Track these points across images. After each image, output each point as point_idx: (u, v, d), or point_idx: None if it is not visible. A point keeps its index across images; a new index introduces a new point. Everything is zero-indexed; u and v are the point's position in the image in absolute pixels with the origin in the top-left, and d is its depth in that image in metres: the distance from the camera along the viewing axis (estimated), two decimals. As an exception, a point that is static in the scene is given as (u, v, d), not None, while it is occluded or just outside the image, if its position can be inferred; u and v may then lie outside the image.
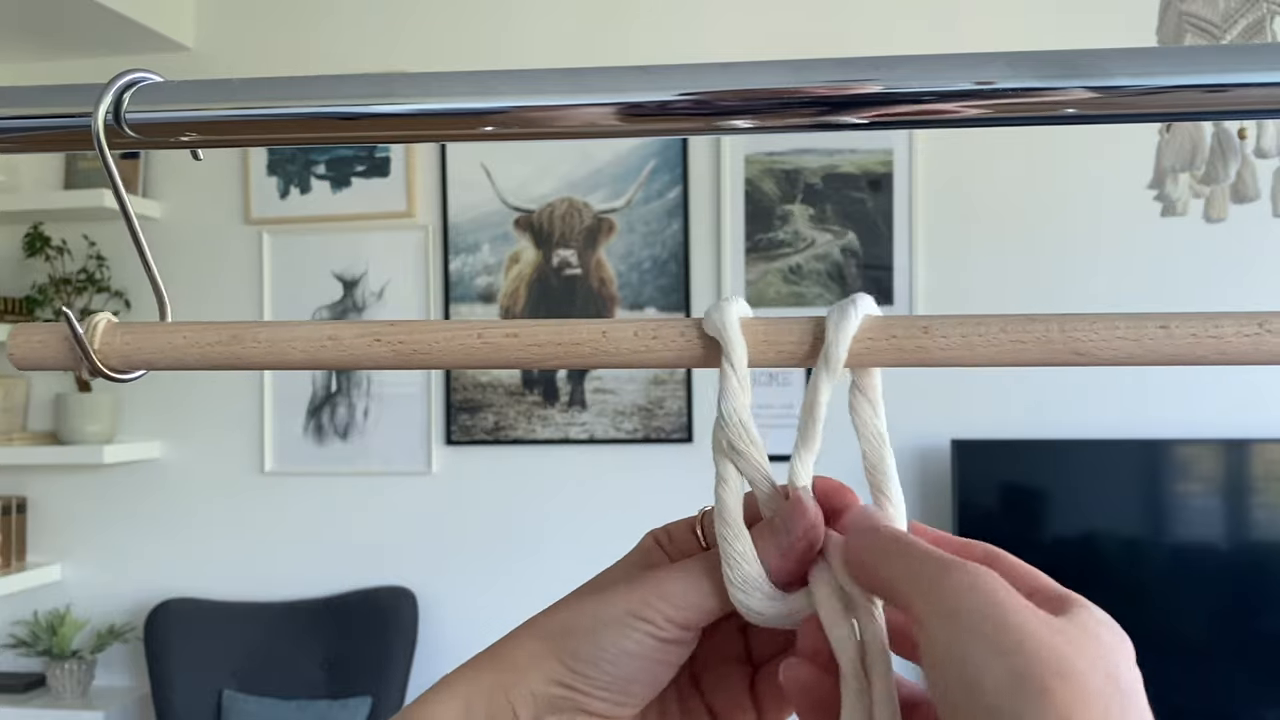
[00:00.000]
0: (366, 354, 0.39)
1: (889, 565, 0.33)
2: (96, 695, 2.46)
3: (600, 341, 0.38)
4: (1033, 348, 0.35)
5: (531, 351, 0.38)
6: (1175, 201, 1.28)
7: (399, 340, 0.39)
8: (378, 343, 0.39)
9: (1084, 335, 0.35)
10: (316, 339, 0.39)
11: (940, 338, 0.36)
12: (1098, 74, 0.35)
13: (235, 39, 2.55)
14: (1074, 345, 0.35)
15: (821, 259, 2.33)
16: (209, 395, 2.51)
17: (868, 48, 2.22)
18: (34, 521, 2.58)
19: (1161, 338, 0.35)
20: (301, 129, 0.40)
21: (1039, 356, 0.35)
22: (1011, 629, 0.28)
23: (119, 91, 0.39)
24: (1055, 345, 0.35)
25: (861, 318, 0.36)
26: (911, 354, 0.36)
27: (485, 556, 2.41)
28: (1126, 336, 0.35)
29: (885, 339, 0.36)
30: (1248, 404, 2.17)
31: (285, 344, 0.40)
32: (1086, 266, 2.24)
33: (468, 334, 0.38)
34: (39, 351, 0.40)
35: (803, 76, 0.37)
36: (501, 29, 2.44)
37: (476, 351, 0.38)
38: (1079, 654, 0.28)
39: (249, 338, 0.40)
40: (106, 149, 0.40)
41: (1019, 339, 0.35)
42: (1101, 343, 0.35)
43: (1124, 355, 0.35)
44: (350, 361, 0.39)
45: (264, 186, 2.50)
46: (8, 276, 2.57)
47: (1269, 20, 0.99)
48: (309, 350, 0.39)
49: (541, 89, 0.38)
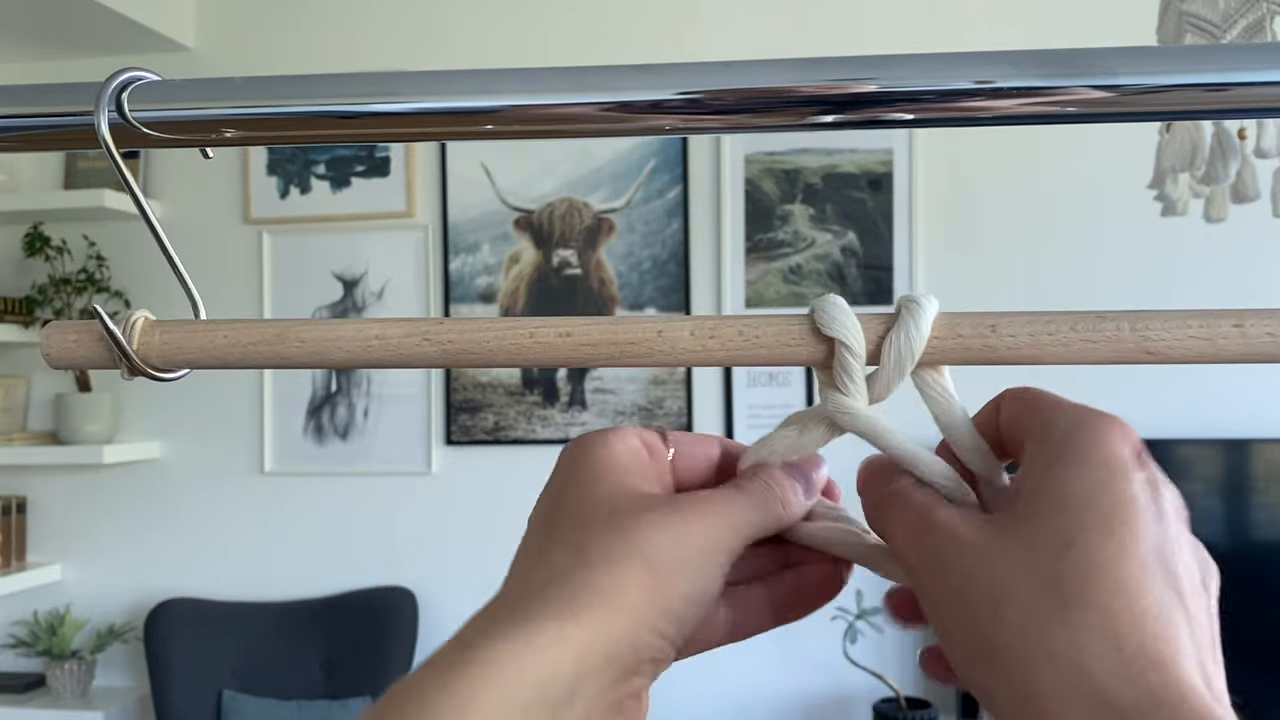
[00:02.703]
0: (415, 353, 0.38)
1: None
2: (96, 695, 2.46)
3: (655, 341, 0.37)
4: (1103, 347, 0.35)
5: (584, 351, 0.37)
6: (1175, 201, 1.28)
7: (448, 340, 0.38)
8: (426, 342, 0.38)
9: (1156, 334, 0.34)
10: (362, 339, 0.38)
11: (1008, 336, 0.35)
12: (1098, 73, 0.35)
13: (235, 39, 2.55)
14: (1145, 344, 0.34)
15: (821, 259, 2.33)
16: (209, 395, 2.51)
17: (867, 47, 2.22)
18: (34, 521, 2.58)
19: (1235, 336, 0.34)
20: (302, 128, 0.40)
21: (1109, 355, 0.35)
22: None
23: (118, 89, 0.39)
24: (1126, 344, 0.34)
25: (933, 316, 0.35)
26: (978, 353, 0.35)
27: (485, 556, 2.40)
28: (1199, 335, 0.34)
29: (952, 338, 0.35)
30: (1248, 404, 2.17)
31: (329, 344, 0.38)
32: (1086, 266, 2.24)
33: (519, 333, 0.38)
34: (73, 350, 0.40)
35: (802, 76, 0.37)
36: (501, 28, 2.44)
37: (527, 350, 0.37)
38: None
39: (292, 338, 0.39)
40: (113, 147, 0.39)
41: (1089, 338, 0.35)
42: (1174, 341, 0.34)
43: (1195, 354, 0.34)
44: (397, 361, 0.38)
45: (264, 186, 2.50)
46: (8, 276, 2.57)
47: (1269, 20, 0.99)
48: (353, 350, 0.38)
49: (541, 88, 0.38)
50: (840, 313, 0.36)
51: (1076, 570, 0.29)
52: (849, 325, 0.35)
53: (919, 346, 0.35)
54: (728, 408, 2.34)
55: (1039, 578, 0.29)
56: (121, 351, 0.39)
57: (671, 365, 0.37)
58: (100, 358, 0.39)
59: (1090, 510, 0.29)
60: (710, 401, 2.36)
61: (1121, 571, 0.28)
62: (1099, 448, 0.31)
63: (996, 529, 0.31)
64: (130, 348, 0.39)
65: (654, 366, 0.37)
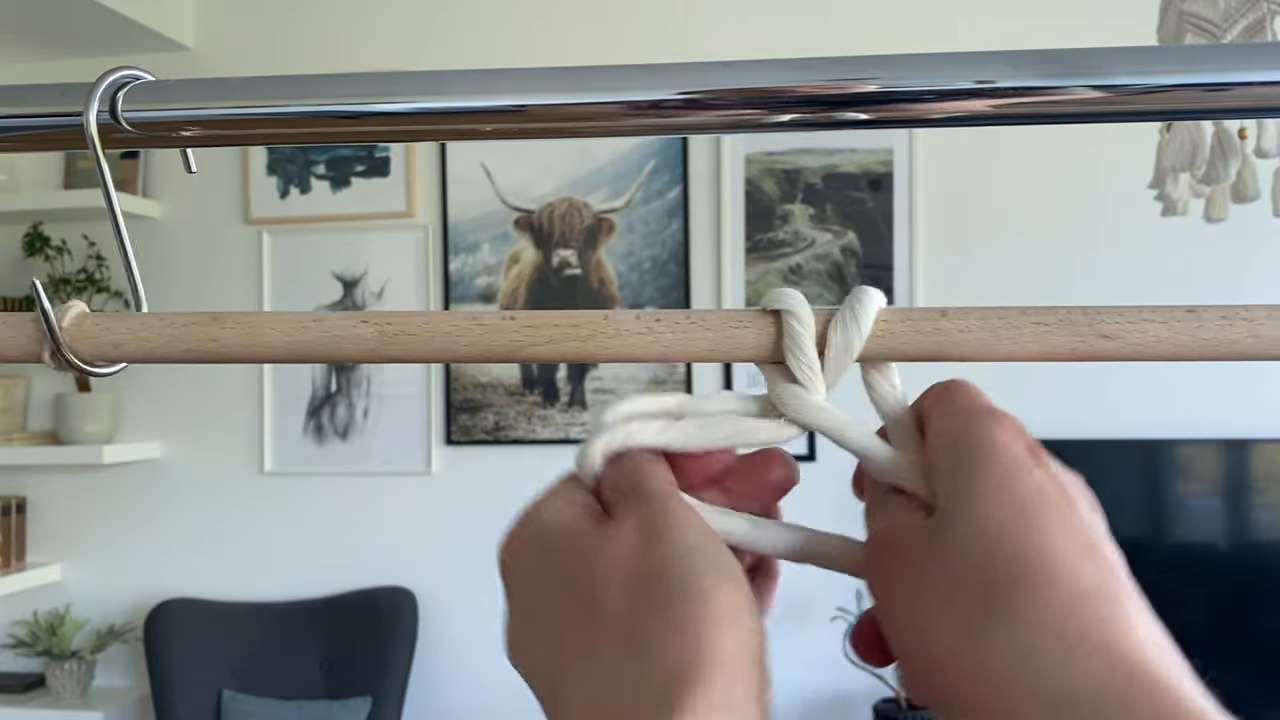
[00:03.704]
0: (351, 334, 0.37)
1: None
2: (96, 695, 2.46)
3: (600, 324, 0.37)
4: (1056, 330, 0.34)
5: (527, 333, 0.37)
6: (1175, 201, 1.28)
7: (385, 321, 0.37)
8: (363, 323, 0.37)
9: (1110, 318, 0.34)
10: (298, 321, 0.37)
11: (958, 320, 0.35)
12: (1098, 73, 0.35)
13: (235, 39, 2.55)
14: (1100, 327, 0.34)
15: (821, 259, 2.33)
16: (209, 395, 2.52)
17: (867, 47, 2.22)
18: (34, 521, 2.58)
19: (1189, 320, 0.34)
20: (302, 127, 0.40)
21: (1064, 341, 0.34)
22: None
23: (111, 89, 0.39)
24: (1079, 327, 0.34)
25: (877, 309, 0.35)
26: (929, 339, 0.35)
27: (485, 556, 2.39)
28: (1152, 319, 0.34)
29: (901, 321, 0.35)
30: (1248, 404, 2.17)
31: (262, 324, 0.37)
32: (1086, 266, 2.24)
33: (461, 315, 0.37)
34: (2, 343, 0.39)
35: (802, 75, 0.37)
36: (502, 27, 2.44)
37: (468, 332, 0.37)
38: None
39: (228, 320, 0.38)
40: (99, 146, 0.39)
41: (1041, 320, 0.34)
42: (1129, 325, 0.34)
43: (1151, 338, 0.34)
44: (331, 343, 0.37)
45: (264, 186, 2.50)
46: (7, 276, 2.57)
47: (1269, 20, 0.99)
48: (288, 332, 0.37)
49: (542, 87, 0.38)
50: (786, 293, 0.35)
51: (1006, 567, 0.29)
52: (795, 298, 0.35)
53: (866, 328, 0.34)
54: (728, 408, 2.34)
55: (971, 581, 0.29)
56: (52, 336, 0.38)
57: (617, 354, 0.36)
58: (26, 350, 0.38)
59: (1004, 508, 0.29)
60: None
61: (1050, 558, 0.28)
62: (993, 450, 0.31)
63: (930, 529, 0.31)
64: (61, 335, 0.38)
65: (600, 357, 0.36)
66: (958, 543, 0.30)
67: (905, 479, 0.34)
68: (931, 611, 0.30)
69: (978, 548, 0.29)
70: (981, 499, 0.30)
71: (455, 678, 2.41)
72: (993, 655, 0.28)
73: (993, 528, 0.29)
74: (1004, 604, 0.28)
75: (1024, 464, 0.30)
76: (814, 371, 0.35)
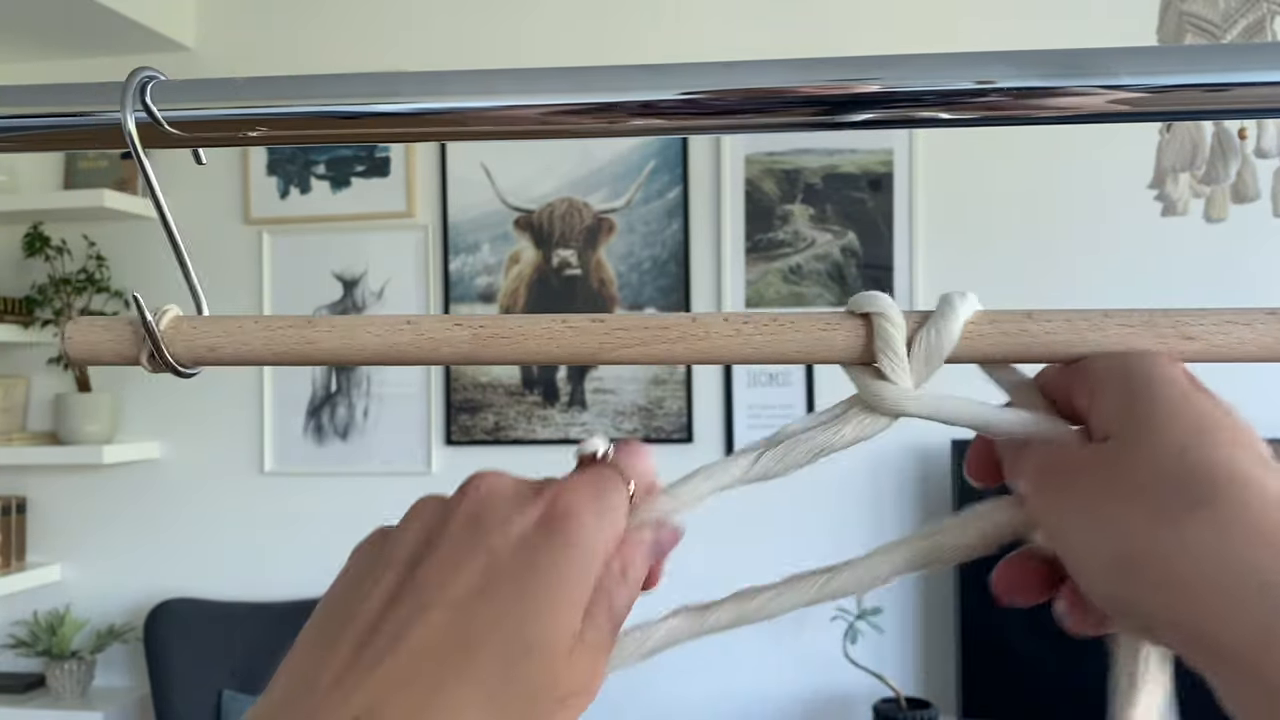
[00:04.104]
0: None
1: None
2: (96, 695, 2.46)
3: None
4: (1141, 331, 0.35)
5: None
6: (1175, 201, 1.28)
7: (476, 325, 0.38)
8: (457, 326, 0.38)
9: (1193, 319, 0.35)
10: (392, 326, 0.39)
11: (1044, 321, 0.36)
12: (1098, 74, 0.35)
13: (235, 39, 2.55)
14: (1183, 329, 0.35)
15: (822, 259, 2.33)
16: (209, 395, 2.51)
17: (867, 47, 2.22)
18: (34, 521, 2.58)
19: (1273, 322, 0.34)
20: (309, 128, 0.40)
21: (1149, 341, 0.35)
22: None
23: (139, 88, 0.39)
24: (1162, 329, 0.35)
25: (970, 312, 0.36)
26: (1015, 339, 0.36)
27: (485, 556, 2.41)
28: (1236, 320, 0.34)
29: (988, 323, 0.36)
30: (1247, 404, 2.17)
31: (358, 327, 0.38)
32: (1087, 266, 2.24)
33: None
34: (97, 346, 0.39)
35: (803, 76, 0.37)
36: (503, 28, 2.44)
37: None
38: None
39: (323, 325, 0.38)
40: (140, 147, 0.39)
41: (1126, 322, 0.35)
42: (1212, 327, 0.35)
43: (1234, 339, 0.35)
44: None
45: (264, 186, 2.50)
46: (7, 276, 2.57)
47: (1269, 20, 0.99)
48: (382, 335, 0.38)
49: (542, 88, 0.38)
50: (876, 296, 0.37)
51: (1199, 470, 0.30)
52: (886, 301, 0.36)
53: (957, 331, 0.36)
54: (728, 408, 2.34)
55: (1163, 483, 0.30)
56: (155, 344, 0.38)
57: (705, 356, 0.37)
58: (123, 353, 0.39)
59: (1182, 430, 0.31)
60: (710, 402, 2.36)
61: (1234, 468, 0.29)
62: (1162, 381, 0.33)
63: (1106, 451, 0.32)
64: (162, 339, 0.38)
65: (690, 359, 0.37)
66: (1144, 460, 0.31)
67: (1043, 429, 0.35)
68: (1126, 512, 0.30)
69: (1165, 461, 0.31)
70: (1159, 425, 0.31)
71: (455, 678, 2.40)
72: (1198, 540, 0.28)
73: (1174, 448, 0.31)
74: (1200, 501, 0.29)
75: (1190, 392, 0.32)
76: (905, 370, 0.36)
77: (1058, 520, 0.33)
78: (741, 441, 2.31)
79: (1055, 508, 0.33)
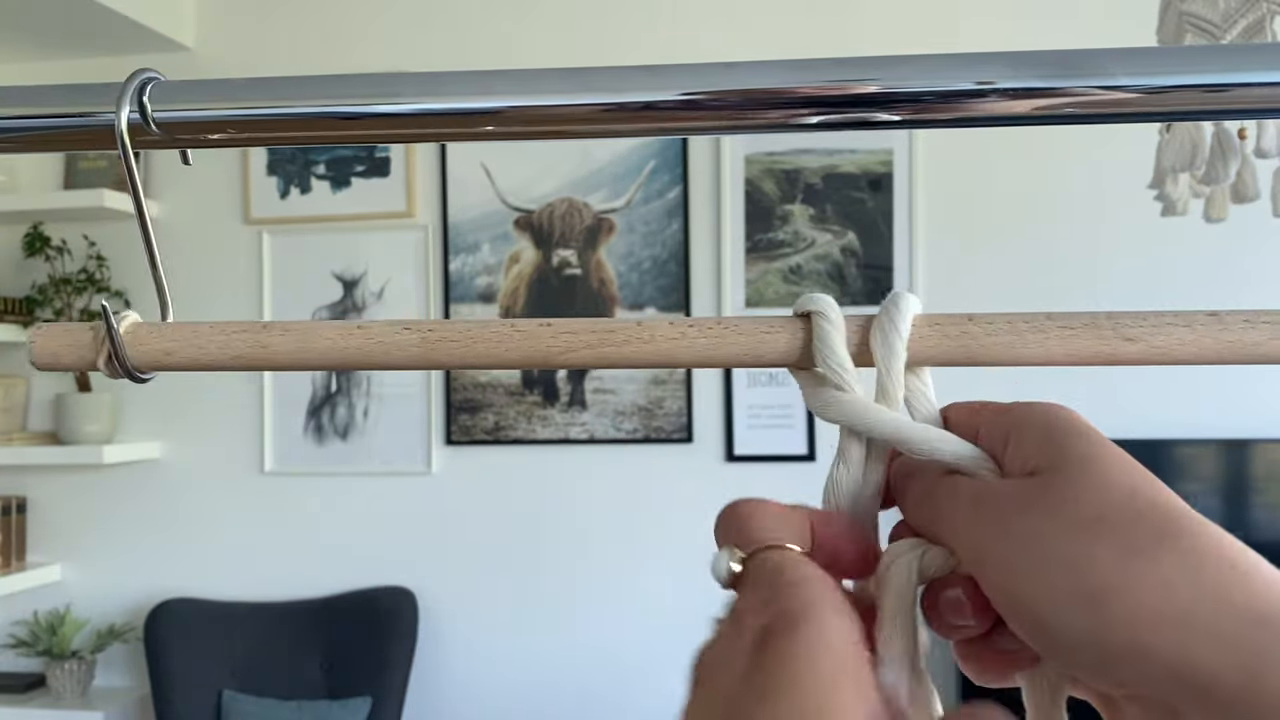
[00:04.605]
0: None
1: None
2: (96, 695, 2.46)
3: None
4: (1082, 334, 0.35)
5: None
6: (1175, 201, 1.28)
7: (431, 331, 0.39)
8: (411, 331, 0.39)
9: (1132, 321, 0.35)
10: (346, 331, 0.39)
11: (985, 324, 0.35)
12: (1098, 74, 0.35)
13: (235, 39, 2.55)
14: (1123, 331, 0.35)
15: (821, 259, 2.33)
16: (209, 396, 2.52)
17: (865, 48, 2.22)
18: (34, 521, 2.58)
19: (1212, 324, 0.34)
20: (305, 129, 0.40)
21: (1088, 344, 0.35)
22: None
23: (138, 89, 0.39)
24: (1103, 330, 0.35)
25: (914, 313, 0.35)
26: (956, 343, 0.35)
27: (485, 556, 2.41)
28: (1176, 323, 0.34)
29: (928, 326, 0.35)
30: (1248, 404, 2.18)
31: (312, 331, 0.38)
32: (1087, 266, 2.24)
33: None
34: (60, 353, 0.40)
35: (802, 76, 0.37)
36: (503, 28, 2.44)
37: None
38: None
39: (276, 329, 0.39)
40: (130, 148, 0.39)
41: (1067, 324, 0.35)
42: (1151, 329, 0.34)
43: (1175, 341, 0.34)
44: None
45: (264, 186, 2.50)
46: (8, 276, 2.57)
47: (1269, 20, 0.99)
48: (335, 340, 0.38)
49: (542, 88, 0.38)
50: (816, 296, 0.36)
51: (1157, 507, 0.30)
52: (825, 300, 0.36)
53: (905, 330, 0.35)
54: (728, 408, 2.34)
55: (1124, 516, 0.30)
56: (113, 349, 0.39)
57: (652, 360, 0.37)
58: (83, 358, 0.40)
59: (1123, 464, 0.31)
60: (710, 402, 2.36)
61: (1184, 510, 0.30)
62: (1084, 426, 0.32)
63: (1039, 485, 0.32)
64: (121, 344, 0.39)
65: (637, 362, 0.37)
66: (1089, 495, 0.31)
67: (976, 460, 0.33)
68: (1088, 546, 0.30)
69: (1117, 496, 0.30)
70: (1100, 464, 0.31)
71: (455, 678, 2.41)
72: (1175, 572, 0.28)
73: (1124, 487, 0.31)
74: (1167, 534, 0.29)
75: (1110, 441, 0.32)
76: (844, 369, 0.35)
77: (1002, 555, 0.31)
78: (741, 441, 2.30)
79: (996, 541, 0.32)
